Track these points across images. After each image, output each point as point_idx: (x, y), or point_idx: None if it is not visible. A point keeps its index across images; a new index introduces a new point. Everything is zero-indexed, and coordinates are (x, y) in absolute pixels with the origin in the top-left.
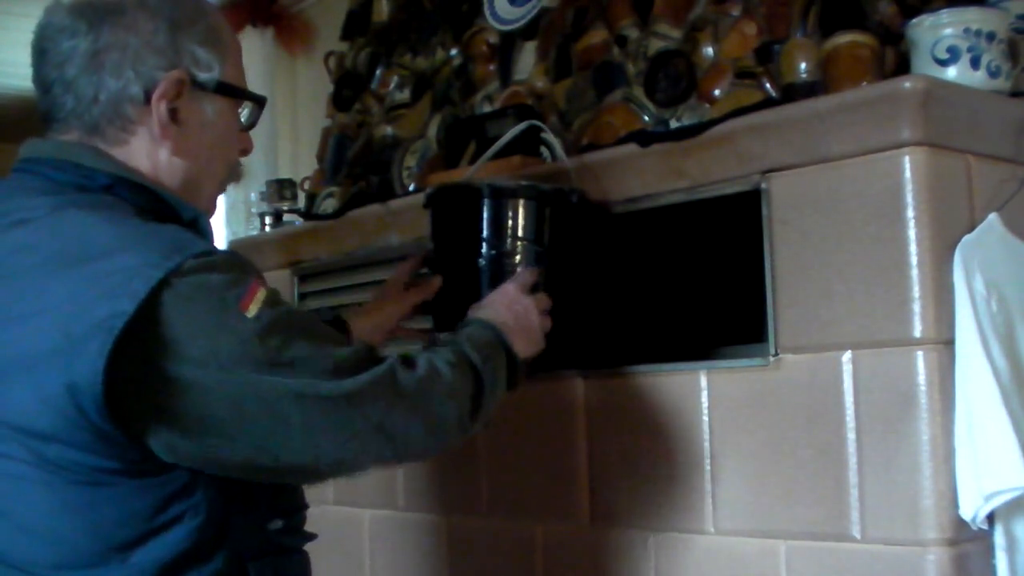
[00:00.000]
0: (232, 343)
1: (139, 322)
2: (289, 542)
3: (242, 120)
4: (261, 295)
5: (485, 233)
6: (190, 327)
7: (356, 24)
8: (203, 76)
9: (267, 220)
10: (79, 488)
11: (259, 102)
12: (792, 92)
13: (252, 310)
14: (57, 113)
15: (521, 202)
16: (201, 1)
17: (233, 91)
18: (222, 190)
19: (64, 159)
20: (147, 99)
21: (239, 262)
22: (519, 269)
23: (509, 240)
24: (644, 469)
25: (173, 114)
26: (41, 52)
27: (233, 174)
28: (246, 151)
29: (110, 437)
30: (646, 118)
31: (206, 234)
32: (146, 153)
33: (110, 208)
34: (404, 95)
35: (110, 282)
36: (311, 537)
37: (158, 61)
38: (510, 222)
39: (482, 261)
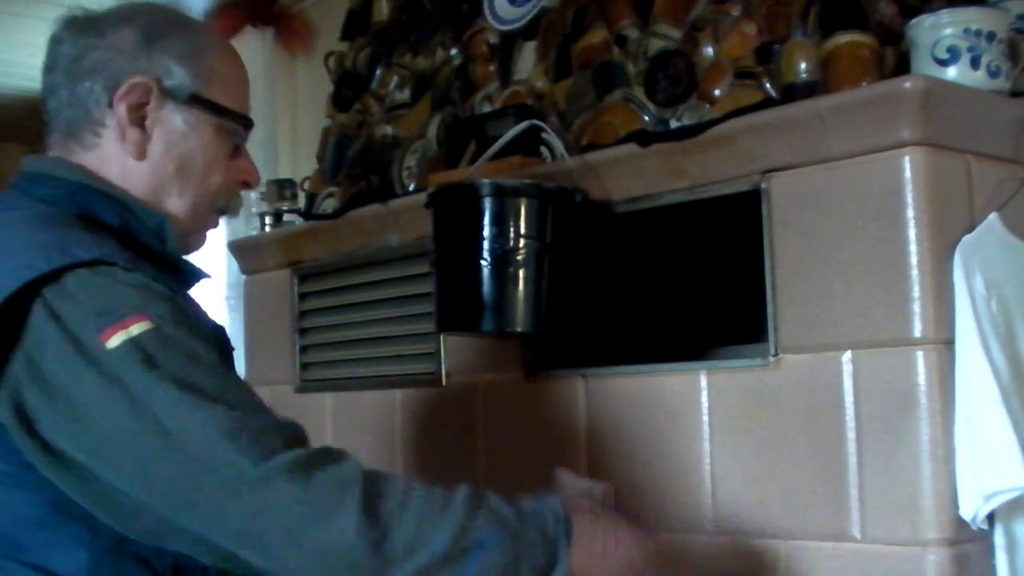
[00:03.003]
0: (80, 376)
1: (8, 321)
2: (245, 573)
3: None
4: (137, 328)
5: (488, 232)
6: (48, 347)
7: (356, 24)
8: (171, 85)
9: (267, 220)
10: None
11: (241, 122)
12: (792, 92)
13: (114, 341)
14: (45, 116)
15: (524, 201)
16: (190, 23)
17: (208, 106)
18: (207, 217)
19: (37, 171)
20: (112, 102)
21: (126, 286)
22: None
23: (512, 239)
24: (644, 469)
25: (140, 120)
26: (44, 62)
27: (222, 201)
28: (247, 184)
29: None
30: (646, 118)
31: (167, 241)
32: (114, 158)
33: (46, 219)
34: (404, 95)
35: None
36: None
37: (126, 67)
38: (513, 221)
39: (485, 260)
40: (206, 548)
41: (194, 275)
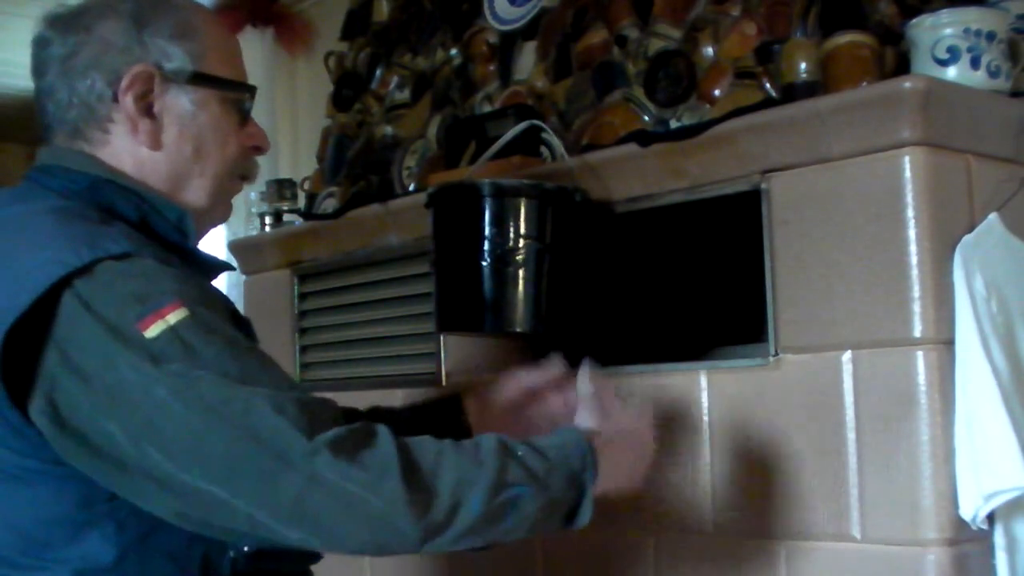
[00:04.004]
0: (120, 363)
1: (37, 317)
2: (272, 566)
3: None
4: (175, 316)
5: (488, 232)
6: (83, 336)
7: (356, 24)
8: (172, 67)
9: (267, 220)
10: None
11: (245, 90)
12: (792, 92)
13: (154, 330)
14: (44, 120)
15: (524, 201)
16: None
17: (211, 81)
18: (230, 188)
19: (53, 164)
20: (116, 96)
21: (158, 275)
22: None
23: (512, 239)
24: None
25: (148, 109)
26: (32, 65)
27: (240, 170)
28: (259, 148)
29: (23, 432)
30: (646, 118)
31: (189, 235)
32: (127, 151)
33: (65, 213)
34: (404, 95)
35: (19, 277)
36: (312, 559)
37: (123, 58)
38: (513, 221)
39: (485, 260)
40: (251, 531)
41: (216, 267)
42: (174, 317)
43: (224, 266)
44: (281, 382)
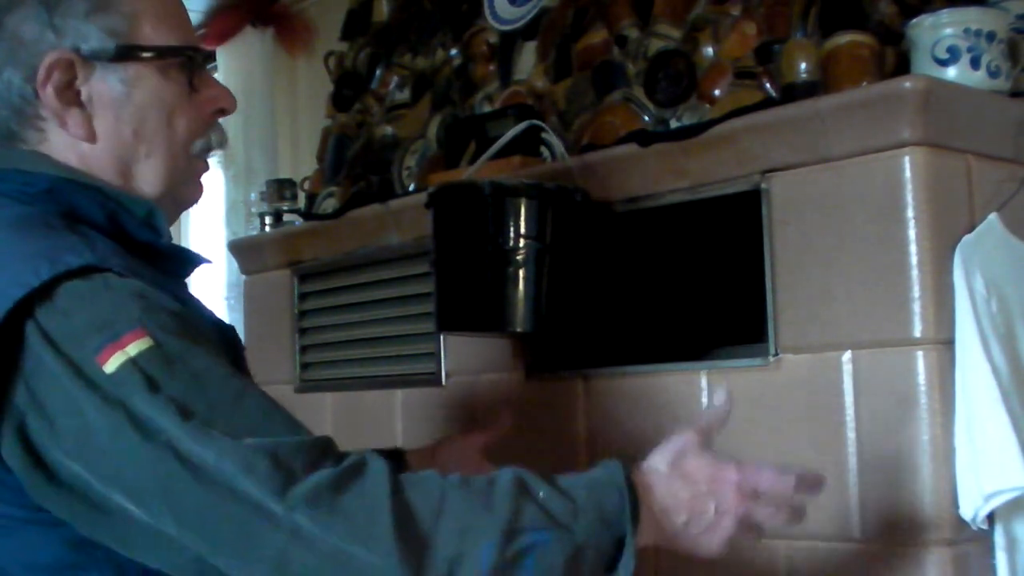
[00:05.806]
0: (85, 406)
1: (3, 343)
2: None
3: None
4: (135, 347)
5: (488, 232)
6: (46, 374)
7: (356, 24)
8: (91, 48)
9: (267, 220)
10: None
11: (187, 53)
12: (792, 92)
13: (113, 363)
14: None
15: (524, 201)
16: None
17: (143, 51)
18: (190, 165)
19: (5, 167)
20: (37, 92)
21: (121, 296)
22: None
23: (512, 239)
24: None
25: (75, 99)
26: None
27: (202, 141)
28: (223, 110)
29: (2, 480)
30: (646, 118)
31: (161, 232)
32: (68, 147)
33: (27, 222)
34: (404, 95)
35: None
36: None
37: (35, 48)
38: (513, 221)
39: (485, 260)
40: None
41: (192, 262)
42: (135, 348)
43: (201, 260)
44: (255, 418)
